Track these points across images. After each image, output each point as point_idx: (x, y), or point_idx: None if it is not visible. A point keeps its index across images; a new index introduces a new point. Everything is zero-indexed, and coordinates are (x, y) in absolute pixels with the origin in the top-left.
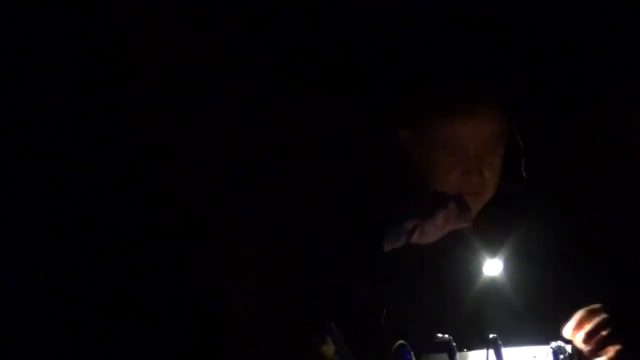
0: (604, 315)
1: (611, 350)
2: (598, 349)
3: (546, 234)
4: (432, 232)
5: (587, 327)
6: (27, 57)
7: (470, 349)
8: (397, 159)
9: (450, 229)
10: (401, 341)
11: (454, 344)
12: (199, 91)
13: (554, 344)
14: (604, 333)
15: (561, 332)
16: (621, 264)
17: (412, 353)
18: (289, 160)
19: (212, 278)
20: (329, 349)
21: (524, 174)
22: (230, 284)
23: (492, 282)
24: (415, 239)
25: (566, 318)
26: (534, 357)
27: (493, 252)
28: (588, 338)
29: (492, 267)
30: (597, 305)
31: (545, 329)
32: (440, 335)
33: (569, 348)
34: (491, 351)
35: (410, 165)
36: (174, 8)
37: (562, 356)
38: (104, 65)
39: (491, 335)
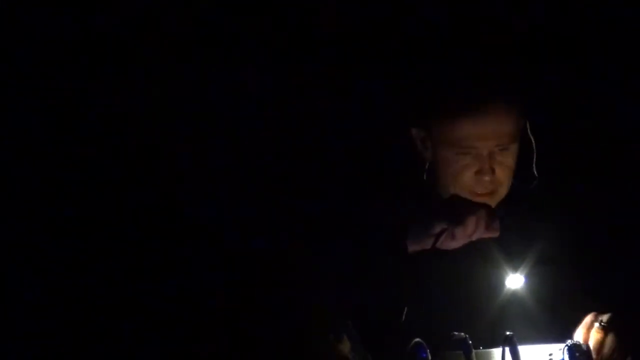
0: (606, 327)
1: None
2: None
3: (556, 235)
4: (460, 237)
5: (591, 342)
6: (27, 57)
7: (485, 347)
8: (409, 158)
9: (478, 237)
10: (417, 339)
11: (470, 341)
12: (199, 91)
13: (570, 342)
14: (608, 345)
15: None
16: (625, 266)
17: (428, 351)
18: (289, 160)
19: (212, 278)
20: (345, 346)
21: (535, 172)
22: (231, 283)
23: (509, 283)
24: (440, 243)
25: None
26: (550, 354)
27: (511, 258)
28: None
29: (511, 271)
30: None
31: (560, 327)
32: (456, 333)
33: (584, 346)
34: (507, 349)
35: (421, 164)
36: (174, 7)
37: (577, 354)
38: (104, 65)
39: (507, 333)
